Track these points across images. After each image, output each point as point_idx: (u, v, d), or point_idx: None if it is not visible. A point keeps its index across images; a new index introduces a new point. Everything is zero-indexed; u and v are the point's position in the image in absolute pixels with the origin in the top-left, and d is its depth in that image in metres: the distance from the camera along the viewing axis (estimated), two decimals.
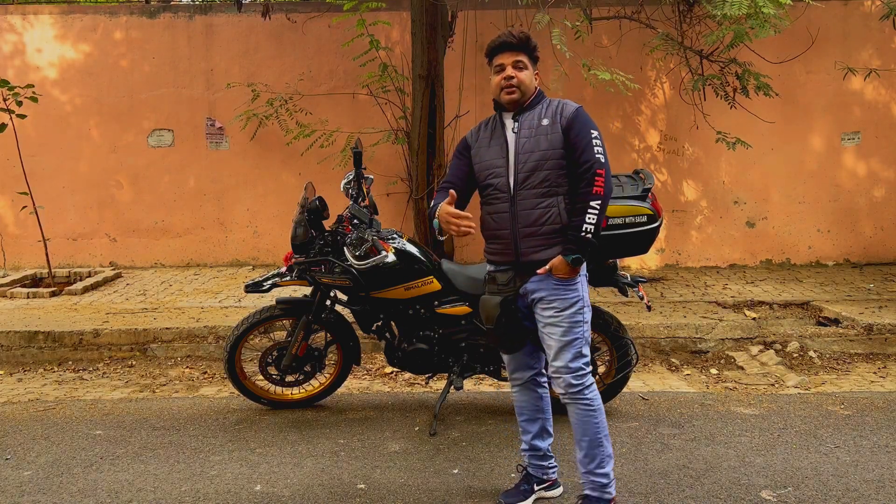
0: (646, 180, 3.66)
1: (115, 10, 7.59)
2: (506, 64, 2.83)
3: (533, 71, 2.88)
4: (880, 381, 4.66)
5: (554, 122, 2.80)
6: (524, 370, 3.03)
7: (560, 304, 2.80)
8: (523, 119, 2.86)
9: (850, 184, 7.47)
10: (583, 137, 2.75)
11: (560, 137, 2.78)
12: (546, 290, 2.81)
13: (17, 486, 3.25)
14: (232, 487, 3.21)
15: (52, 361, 5.28)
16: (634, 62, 7.20)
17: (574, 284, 2.81)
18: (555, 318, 2.80)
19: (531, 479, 3.07)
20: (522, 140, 2.83)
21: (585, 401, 2.81)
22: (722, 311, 5.71)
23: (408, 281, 3.80)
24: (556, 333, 2.81)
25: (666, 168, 7.52)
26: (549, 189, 2.78)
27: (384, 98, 6.96)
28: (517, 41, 2.82)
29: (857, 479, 3.21)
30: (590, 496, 2.87)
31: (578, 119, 2.78)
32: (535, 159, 2.79)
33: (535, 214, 2.79)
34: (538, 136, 2.81)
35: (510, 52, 2.83)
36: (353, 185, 3.91)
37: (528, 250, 2.81)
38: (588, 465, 2.85)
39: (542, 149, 2.79)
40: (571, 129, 2.77)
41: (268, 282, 3.98)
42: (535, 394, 3.05)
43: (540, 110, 2.85)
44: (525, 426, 3.08)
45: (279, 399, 4.18)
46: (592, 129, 2.78)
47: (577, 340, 2.81)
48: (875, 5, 7.19)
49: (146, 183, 7.68)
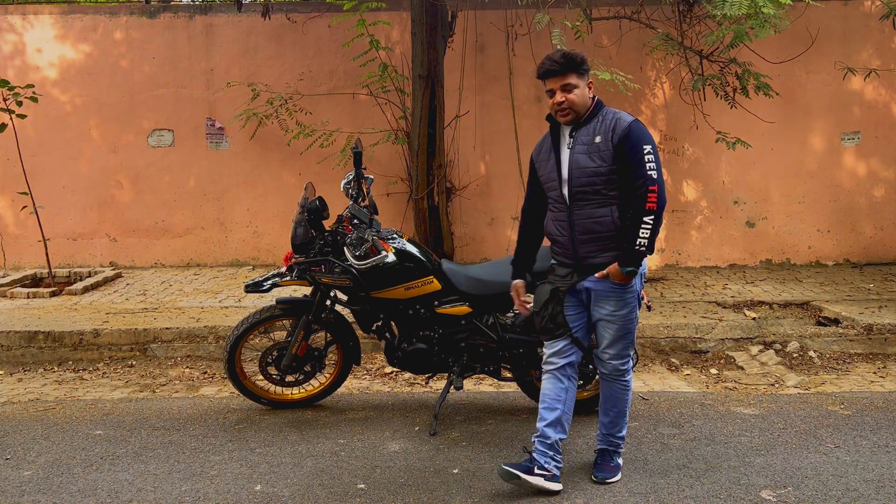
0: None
1: (115, 10, 7.59)
2: (555, 89, 3.00)
3: (585, 84, 3.02)
4: (880, 381, 4.66)
5: (606, 140, 2.95)
6: (558, 357, 3.18)
7: (616, 304, 3.06)
8: (579, 135, 3.03)
9: (850, 184, 7.47)
10: (635, 154, 2.91)
11: (612, 154, 2.94)
12: (603, 289, 3.06)
13: (17, 486, 3.25)
14: (232, 487, 3.22)
15: (52, 361, 5.28)
16: (634, 62, 7.20)
17: (631, 287, 3.04)
18: (611, 317, 3.08)
19: (534, 462, 3.16)
20: (576, 156, 3.01)
21: (624, 381, 3.21)
22: (722, 311, 5.71)
23: (408, 281, 3.80)
24: (611, 329, 3.10)
25: (666, 168, 7.51)
26: (603, 200, 2.99)
27: (384, 98, 6.96)
28: (560, 66, 2.97)
29: (857, 479, 3.21)
30: (607, 450, 3.29)
31: (631, 136, 2.93)
32: (588, 174, 2.98)
33: (589, 224, 3.02)
34: (591, 153, 2.98)
35: (556, 77, 2.99)
36: (353, 185, 3.91)
37: (585, 255, 3.06)
38: (611, 428, 3.26)
39: (595, 165, 2.97)
40: (624, 147, 2.93)
41: (268, 282, 3.97)
42: (560, 384, 3.18)
43: (595, 125, 3.01)
44: (543, 413, 3.19)
45: (279, 399, 4.18)
46: (645, 145, 2.92)
47: (629, 334, 3.14)
48: (875, 5, 7.19)
49: (146, 183, 7.68)
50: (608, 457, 3.28)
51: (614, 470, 3.25)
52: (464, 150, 7.45)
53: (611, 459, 3.28)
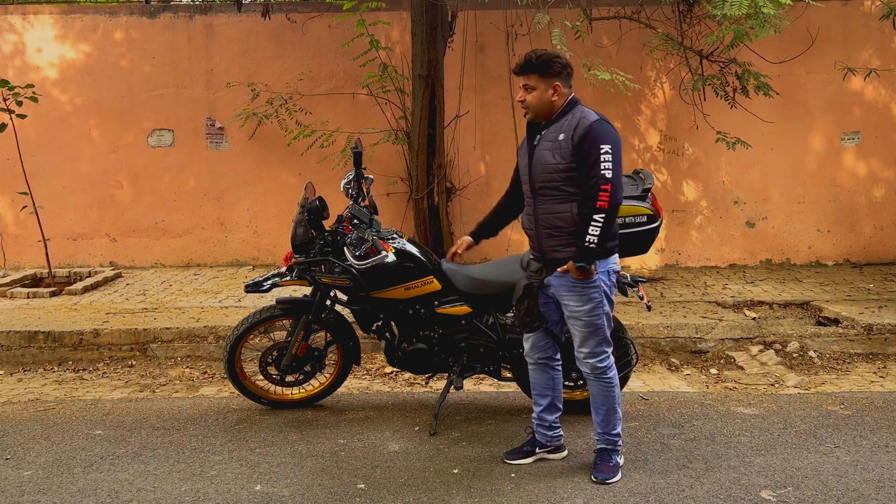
0: (646, 180, 3.66)
1: (116, 10, 7.59)
2: (519, 87, 3.15)
3: (548, 88, 3.08)
4: (880, 381, 4.66)
5: (567, 138, 3.04)
6: (538, 351, 3.37)
7: (578, 299, 3.12)
8: (547, 132, 3.14)
9: (850, 184, 7.46)
10: (591, 154, 2.99)
11: (571, 152, 3.03)
12: (565, 286, 3.14)
13: (17, 486, 3.25)
14: (232, 487, 3.22)
15: (52, 361, 5.28)
16: (634, 62, 7.20)
17: (591, 283, 3.10)
18: (575, 313, 3.15)
19: (535, 443, 3.44)
20: (540, 152, 3.13)
21: (606, 379, 3.23)
22: (722, 311, 5.71)
23: (408, 281, 3.80)
24: (577, 325, 3.18)
25: (666, 168, 7.52)
26: (563, 196, 3.08)
27: (384, 98, 6.96)
28: (519, 67, 3.12)
29: (857, 479, 3.21)
30: (605, 449, 3.30)
31: (589, 136, 3.00)
32: (548, 171, 3.09)
33: (551, 219, 3.12)
34: (553, 149, 3.08)
35: (521, 76, 3.13)
36: (353, 185, 3.91)
37: (548, 249, 3.16)
38: (605, 426, 3.28)
39: (554, 162, 3.07)
40: (582, 146, 3.01)
41: (268, 282, 3.98)
42: (547, 374, 3.41)
43: (562, 124, 3.09)
44: (536, 399, 3.45)
45: (279, 399, 4.18)
46: (603, 144, 2.98)
47: (598, 330, 3.16)
48: (875, 5, 7.19)
49: (146, 183, 7.68)
50: (607, 456, 3.30)
51: (613, 470, 3.26)
52: (464, 150, 7.44)
53: (609, 458, 3.29)
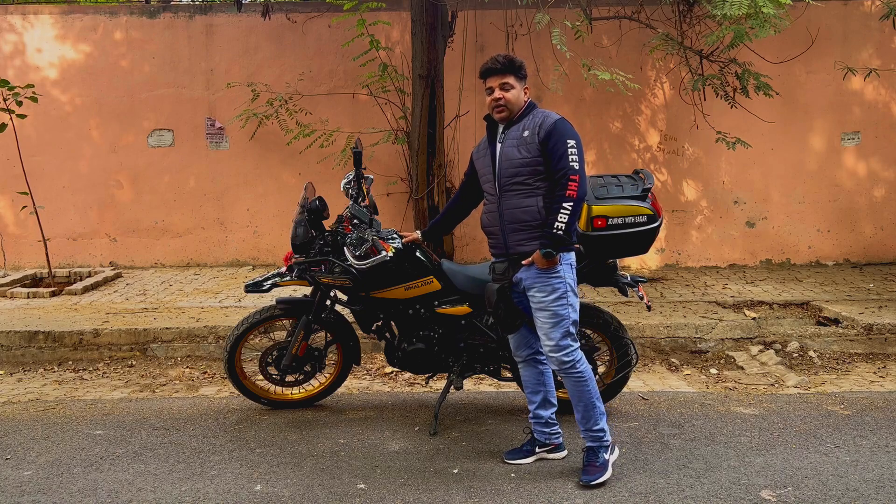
0: (646, 180, 3.66)
1: (116, 10, 7.59)
2: (494, 87, 3.20)
3: (521, 88, 3.22)
4: (880, 381, 4.66)
5: (533, 134, 3.15)
6: (524, 348, 3.44)
7: (544, 290, 3.17)
8: (510, 131, 3.24)
9: (850, 184, 7.46)
10: (558, 148, 3.10)
11: (537, 147, 3.14)
12: (531, 278, 3.19)
13: (17, 486, 3.25)
14: (232, 487, 3.22)
15: (52, 361, 5.28)
16: (634, 62, 7.20)
17: (556, 272, 3.16)
18: (541, 304, 3.19)
19: (535, 442, 3.45)
20: (505, 149, 3.22)
21: (577, 373, 3.22)
22: (722, 311, 5.71)
23: (408, 281, 3.80)
24: (543, 316, 3.20)
25: (666, 168, 7.52)
26: (529, 190, 3.17)
27: (384, 98, 6.96)
28: (501, 66, 3.19)
29: (857, 478, 3.21)
30: (591, 447, 3.28)
31: (555, 132, 3.12)
32: (515, 165, 3.18)
33: (517, 213, 3.20)
34: (518, 145, 3.18)
35: (497, 76, 3.19)
36: (353, 185, 3.91)
37: (514, 244, 3.22)
38: (586, 423, 3.28)
39: (521, 157, 3.17)
40: (548, 141, 3.12)
41: (268, 282, 3.97)
42: (536, 369, 3.45)
43: (525, 122, 3.21)
44: (529, 397, 3.48)
45: (279, 399, 4.18)
46: (569, 140, 3.11)
47: (563, 321, 3.18)
48: (875, 5, 7.19)
49: (146, 183, 7.68)
50: (594, 455, 3.26)
51: (601, 469, 3.21)
52: (464, 150, 7.44)
53: (596, 457, 3.25)
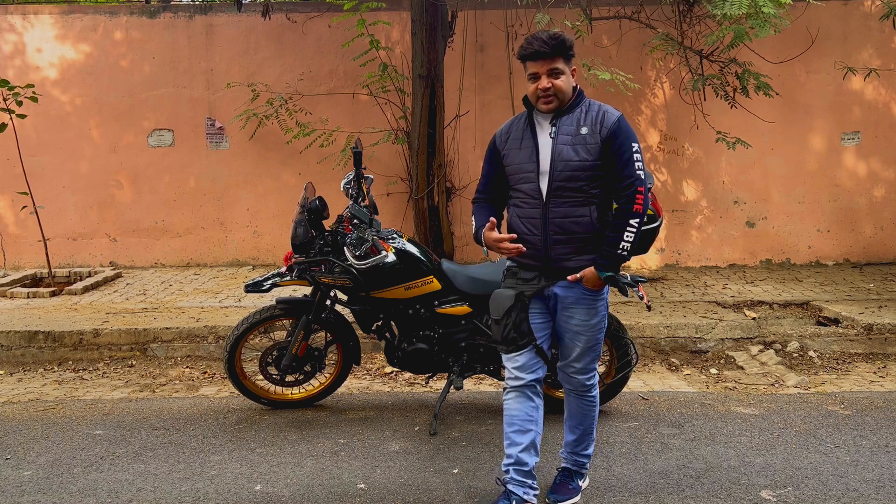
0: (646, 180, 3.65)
1: (116, 10, 7.59)
2: (540, 73, 2.71)
3: (570, 72, 2.75)
4: (880, 381, 4.66)
5: (593, 132, 2.71)
6: (523, 372, 2.86)
7: (587, 313, 2.83)
8: (562, 123, 2.76)
9: (850, 184, 7.46)
10: (624, 152, 2.70)
11: (599, 148, 2.71)
12: (574, 297, 2.81)
13: (17, 486, 3.25)
14: (232, 487, 3.22)
15: (52, 361, 5.28)
16: (634, 62, 7.20)
17: (601, 295, 2.85)
18: (580, 327, 2.85)
19: (511, 496, 2.86)
20: (560, 147, 2.73)
21: (590, 397, 3.02)
22: (722, 311, 5.71)
23: (408, 281, 3.81)
24: (580, 341, 2.88)
25: (666, 168, 7.52)
26: (584, 198, 2.74)
27: (384, 98, 6.96)
28: (550, 49, 2.67)
29: (857, 478, 3.21)
30: (569, 469, 3.10)
31: (620, 132, 2.71)
32: (573, 168, 2.71)
33: (567, 223, 2.75)
34: (576, 144, 2.72)
35: (544, 61, 2.69)
36: (353, 184, 3.91)
37: (559, 257, 2.78)
38: (576, 447, 3.08)
39: (581, 158, 2.71)
40: (613, 143, 2.70)
41: (268, 282, 3.98)
42: (530, 403, 2.88)
43: (579, 115, 2.76)
44: (514, 437, 2.88)
45: (279, 399, 4.18)
46: (633, 143, 2.73)
47: (597, 346, 2.92)
48: (875, 5, 7.19)
49: (146, 183, 7.68)
50: (569, 477, 3.07)
51: (571, 493, 3.02)
52: (464, 150, 7.44)
53: (570, 480, 3.06)
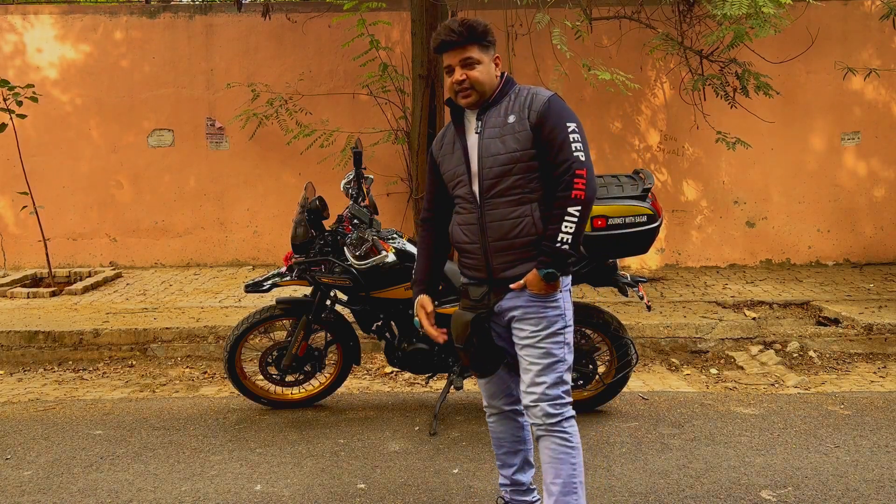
0: (646, 180, 3.66)
1: (116, 10, 7.59)
2: (453, 65, 2.44)
3: (490, 60, 2.46)
4: (880, 381, 4.66)
5: (521, 119, 2.39)
6: (500, 398, 2.66)
7: (537, 322, 2.43)
8: (488, 117, 2.46)
9: (850, 184, 7.46)
10: (558, 134, 2.35)
11: (529, 135, 2.38)
12: (522, 307, 2.44)
13: (17, 486, 3.25)
14: (232, 487, 3.22)
15: (52, 361, 5.28)
16: (634, 62, 7.20)
17: (554, 301, 2.44)
18: (531, 339, 2.44)
19: None
20: (486, 141, 2.44)
21: (563, 434, 2.43)
22: (722, 311, 5.71)
23: (408, 281, 3.80)
24: (532, 355, 2.44)
25: (666, 168, 7.52)
26: (522, 196, 2.41)
27: (384, 98, 6.96)
28: (459, 37, 2.41)
29: (857, 479, 3.21)
30: None
31: (551, 112, 2.37)
32: (502, 163, 2.41)
33: (506, 226, 2.43)
34: (504, 135, 2.41)
35: (455, 51, 2.43)
36: (353, 185, 3.91)
37: (500, 266, 2.46)
38: None
39: (510, 150, 2.40)
40: (544, 126, 2.37)
41: (268, 282, 3.98)
42: (514, 423, 2.69)
43: (507, 104, 2.45)
44: (505, 459, 2.72)
45: (279, 399, 4.18)
46: (569, 122, 2.37)
47: (557, 364, 2.44)
48: (875, 5, 7.19)
49: (146, 183, 7.68)
50: None
51: None
52: None
53: None
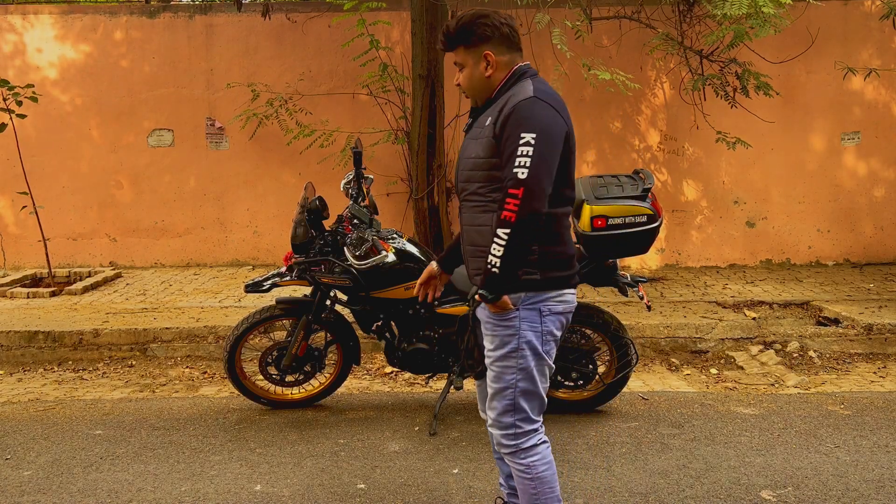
0: (646, 180, 3.66)
1: (115, 10, 7.59)
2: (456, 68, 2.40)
3: (478, 60, 2.30)
4: (880, 381, 4.66)
5: (492, 124, 2.24)
6: None
7: (492, 340, 2.28)
8: (479, 117, 2.36)
9: (850, 184, 7.46)
10: (508, 145, 2.15)
11: (492, 143, 2.22)
12: (484, 320, 2.31)
13: (17, 486, 3.25)
14: (232, 487, 3.22)
15: (52, 361, 5.28)
16: (634, 62, 7.20)
17: (508, 321, 2.23)
18: (489, 358, 2.31)
19: None
20: (466, 142, 2.37)
21: (519, 466, 2.29)
22: (722, 311, 5.71)
23: (408, 281, 3.81)
24: (489, 376, 2.31)
25: (666, 168, 7.52)
26: (485, 204, 2.27)
27: (384, 98, 6.96)
28: (443, 43, 2.36)
29: (857, 479, 3.21)
30: None
31: (510, 120, 2.17)
32: (469, 168, 2.32)
33: (473, 232, 2.33)
34: (478, 138, 2.29)
35: (450, 54, 2.38)
36: (353, 185, 3.92)
37: (472, 272, 2.39)
38: None
39: (474, 156, 2.29)
40: (501, 135, 2.19)
41: (268, 282, 3.98)
42: None
43: (497, 104, 2.28)
44: (501, 464, 2.64)
45: (279, 399, 4.18)
46: (525, 132, 2.13)
47: (506, 391, 2.25)
48: (875, 5, 7.19)
49: (146, 183, 7.68)
50: None
51: None
52: None
53: None
